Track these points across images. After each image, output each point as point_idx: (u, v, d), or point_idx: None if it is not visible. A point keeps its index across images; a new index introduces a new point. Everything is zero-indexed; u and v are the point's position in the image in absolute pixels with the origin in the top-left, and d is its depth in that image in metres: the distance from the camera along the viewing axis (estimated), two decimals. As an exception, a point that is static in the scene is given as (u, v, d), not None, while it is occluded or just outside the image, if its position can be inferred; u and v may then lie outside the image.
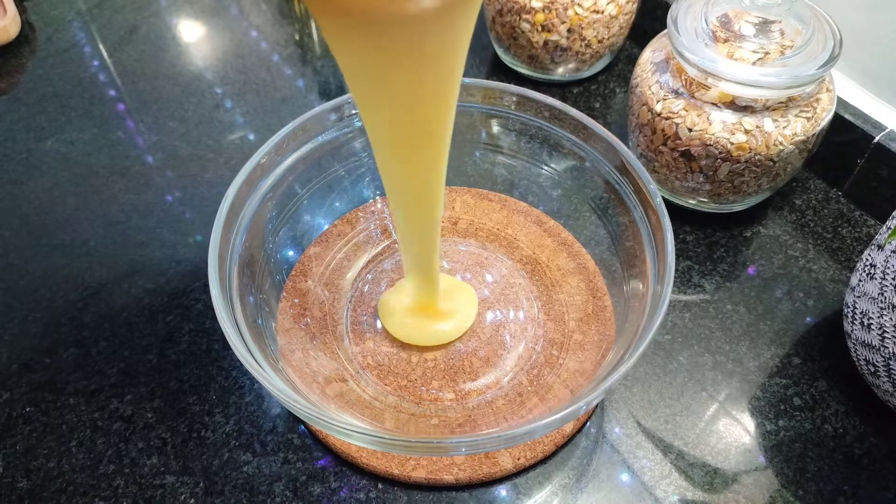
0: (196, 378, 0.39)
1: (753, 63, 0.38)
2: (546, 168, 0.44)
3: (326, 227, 0.45)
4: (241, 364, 0.32)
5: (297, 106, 0.55)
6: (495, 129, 0.44)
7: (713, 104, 0.40)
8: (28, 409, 0.38)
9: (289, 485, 0.35)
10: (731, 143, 0.39)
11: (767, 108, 0.39)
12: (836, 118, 0.44)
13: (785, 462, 0.36)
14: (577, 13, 0.49)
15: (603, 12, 0.49)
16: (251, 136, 0.53)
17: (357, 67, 0.26)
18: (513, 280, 0.43)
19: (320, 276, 0.43)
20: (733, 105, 0.39)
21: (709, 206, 0.45)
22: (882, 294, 0.33)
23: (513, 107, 0.42)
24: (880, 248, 0.34)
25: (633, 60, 0.57)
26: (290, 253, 0.43)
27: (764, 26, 0.39)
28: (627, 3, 0.50)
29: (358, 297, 0.42)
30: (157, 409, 0.38)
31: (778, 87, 0.37)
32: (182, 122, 0.54)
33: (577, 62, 0.53)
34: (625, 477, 0.36)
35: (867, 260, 0.35)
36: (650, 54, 0.43)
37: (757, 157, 0.40)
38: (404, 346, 0.40)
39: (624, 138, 0.42)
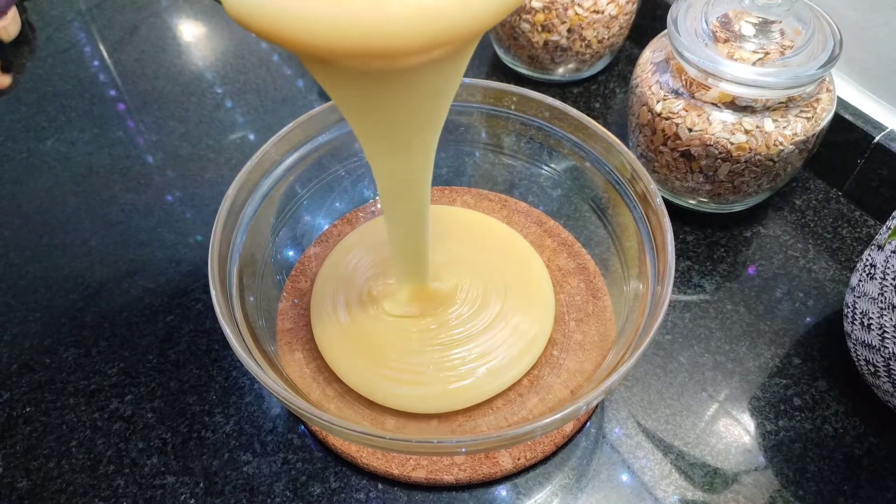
0: (196, 378, 0.39)
1: (753, 63, 0.38)
2: (546, 168, 0.44)
3: (326, 227, 0.45)
4: (241, 364, 0.32)
5: (297, 106, 0.55)
6: (495, 129, 0.44)
7: (713, 104, 0.40)
8: (28, 409, 0.38)
9: (289, 485, 0.35)
10: (731, 144, 0.39)
11: (767, 109, 0.39)
12: (836, 118, 0.44)
13: (785, 462, 0.36)
14: (577, 13, 0.49)
15: (603, 12, 0.49)
16: (251, 136, 0.53)
17: (352, 104, 0.28)
18: (513, 280, 0.43)
19: (320, 276, 0.43)
20: (733, 105, 0.39)
21: (709, 206, 0.45)
22: (882, 294, 0.33)
23: (513, 107, 0.42)
24: (880, 248, 0.34)
25: (633, 60, 0.57)
26: (290, 253, 0.43)
27: (764, 26, 0.39)
28: (627, 3, 0.50)
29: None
30: (157, 410, 0.38)
31: (778, 87, 0.37)
32: (182, 122, 0.54)
33: (577, 62, 0.53)
34: (625, 477, 0.36)
35: (867, 260, 0.35)
36: (650, 54, 0.43)
37: (757, 158, 0.40)
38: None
39: (624, 138, 0.42)
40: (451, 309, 0.39)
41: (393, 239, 0.36)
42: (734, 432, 0.37)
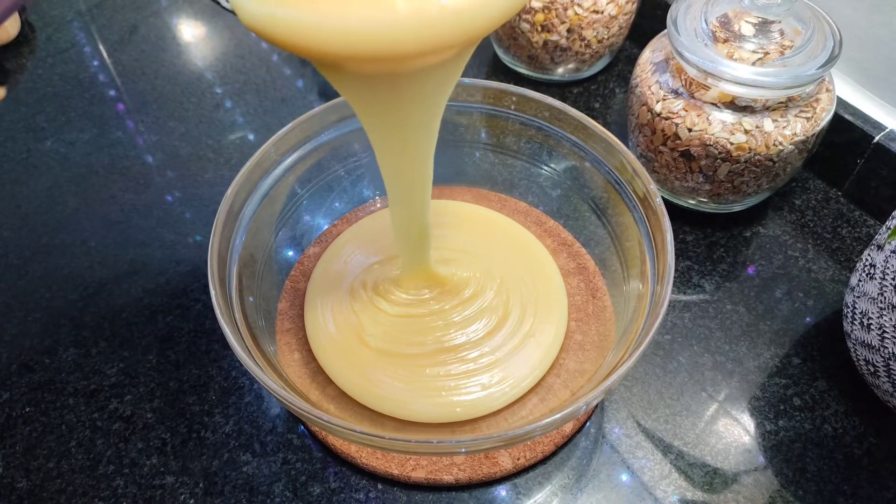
0: (196, 378, 0.39)
1: (753, 63, 0.38)
2: (546, 168, 0.44)
3: (326, 227, 0.45)
4: (241, 364, 0.32)
5: (297, 106, 0.55)
6: (495, 129, 0.44)
7: (713, 104, 0.40)
8: (28, 409, 0.38)
9: (289, 485, 0.35)
10: (731, 144, 0.39)
11: (767, 109, 0.39)
12: (836, 118, 0.44)
13: (785, 462, 0.36)
14: (576, 13, 0.49)
15: (603, 12, 0.49)
16: (251, 136, 0.53)
17: (365, 104, 0.30)
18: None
19: (320, 277, 0.43)
20: (733, 105, 0.39)
21: (709, 207, 0.45)
22: (882, 294, 0.33)
23: (512, 107, 0.42)
24: (880, 248, 0.34)
25: (632, 60, 0.57)
26: (290, 253, 0.43)
27: (764, 26, 0.39)
28: (627, 3, 0.50)
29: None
30: (157, 410, 0.38)
31: (778, 87, 0.37)
32: (182, 122, 0.54)
33: (576, 62, 0.53)
34: (625, 477, 0.36)
35: (867, 260, 0.35)
36: (650, 54, 0.43)
37: (757, 158, 0.40)
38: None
39: (624, 138, 0.42)
40: (474, 325, 0.39)
41: (396, 220, 0.36)
42: (734, 432, 0.37)
